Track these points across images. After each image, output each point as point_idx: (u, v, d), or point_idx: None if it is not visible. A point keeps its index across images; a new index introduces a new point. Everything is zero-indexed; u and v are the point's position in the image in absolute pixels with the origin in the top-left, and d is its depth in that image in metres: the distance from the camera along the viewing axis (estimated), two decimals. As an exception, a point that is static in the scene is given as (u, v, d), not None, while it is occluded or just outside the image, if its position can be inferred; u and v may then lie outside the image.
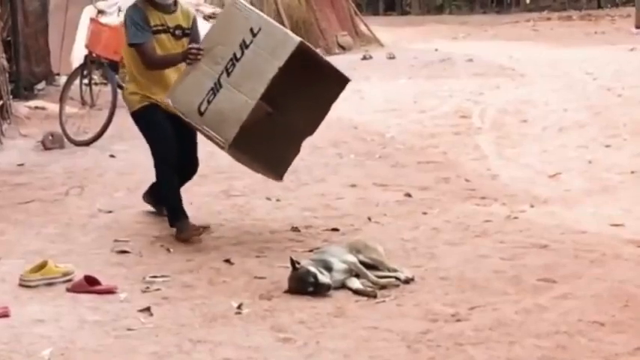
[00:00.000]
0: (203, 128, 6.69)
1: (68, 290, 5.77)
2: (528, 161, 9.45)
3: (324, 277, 5.68)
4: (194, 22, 7.25)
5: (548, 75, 14.97)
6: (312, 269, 5.70)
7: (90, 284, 5.79)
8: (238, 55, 6.60)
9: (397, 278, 5.88)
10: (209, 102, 6.63)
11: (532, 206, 7.75)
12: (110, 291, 5.75)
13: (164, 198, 7.16)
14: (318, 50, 19.43)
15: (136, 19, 6.96)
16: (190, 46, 6.85)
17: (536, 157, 9.63)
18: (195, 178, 7.56)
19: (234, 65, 6.60)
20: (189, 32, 7.16)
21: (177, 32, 7.12)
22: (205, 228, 6.93)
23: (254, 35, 6.57)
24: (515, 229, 7.04)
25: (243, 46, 6.59)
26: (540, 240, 6.73)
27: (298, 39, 6.59)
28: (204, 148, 7.94)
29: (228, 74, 6.60)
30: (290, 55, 6.48)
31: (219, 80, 6.62)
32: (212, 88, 6.63)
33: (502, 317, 5.26)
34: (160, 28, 7.04)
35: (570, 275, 5.96)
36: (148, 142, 7.18)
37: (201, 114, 6.64)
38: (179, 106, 6.74)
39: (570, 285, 5.79)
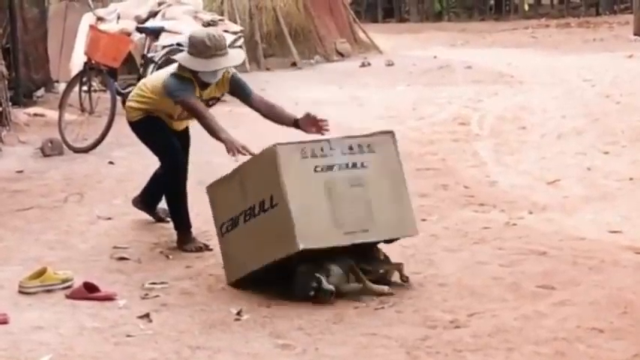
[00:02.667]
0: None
1: (67, 297, 5.78)
2: (527, 168, 9.46)
3: (327, 284, 5.64)
4: (232, 81, 6.93)
5: (546, 82, 14.98)
6: (317, 274, 5.65)
7: (89, 291, 5.79)
8: (256, 211, 5.83)
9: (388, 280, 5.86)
10: (228, 230, 6.05)
11: (531, 213, 7.75)
12: (109, 298, 5.76)
13: (174, 207, 7.05)
14: (316, 57, 19.37)
15: (182, 88, 6.66)
16: (243, 144, 6.47)
17: (534, 163, 9.63)
18: (194, 184, 7.55)
19: (251, 216, 5.86)
20: (220, 98, 7.05)
21: (211, 102, 7.01)
22: (207, 247, 6.87)
23: (272, 206, 5.73)
24: (514, 236, 7.04)
25: (261, 208, 5.79)
26: (539, 247, 6.73)
27: (300, 247, 5.60)
28: (201, 157, 7.95)
29: (245, 221, 5.91)
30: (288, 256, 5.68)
31: (238, 217, 5.97)
32: (232, 219, 6.00)
33: (501, 324, 5.26)
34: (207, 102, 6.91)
35: (569, 282, 5.96)
36: (152, 149, 7.13)
37: (222, 234, 6.13)
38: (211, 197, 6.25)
39: (569, 291, 5.79)
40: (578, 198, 8.26)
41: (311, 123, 6.61)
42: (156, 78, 7.06)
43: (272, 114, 6.87)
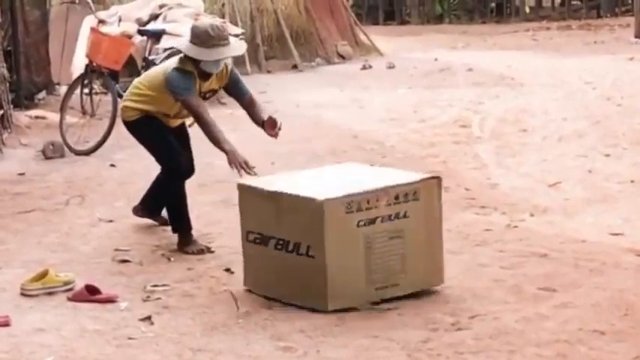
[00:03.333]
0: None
1: (69, 299, 5.78)
2: (528, 170, 9.46)
3: None
4: (232, 75, 6.99)
5: (547, 84, 14.98)
6: None
7: (90, 293, 5.80)
8: (289, 248, 5.64)
9: None
10: (255, 242, 5.87)
11: (532, 215, 7.76)
12: (111, 300, 5.76)
13: (174, 209, 7.02)
14: (317, 59, 19.36)
15: (187, 80, 6.69)
16: (245, 159, 6.66)
17: (535, 166, 9.63)
18: (194, 187, 7.56)
19: (284, 249, 5.67)
20: (217, 90, 7.08)
21: (208, 95, 7.04)
22: (209, 249, 6.87)
23: (307, 254, 5.57)
24: (515, 238, 7.04)
25: (295, 249, 5.61)
26: (540, 249, 6.73)
27: (330, 307, 5.53)
28: (203, 159, 7.96)
29: (276, 248, 5.73)
30: None
31: (269, 239, 5.77)
32: (262, 235, 5.80)
33: (502, 326, 5.27)
34: (205, 95, 6.97)
35: (570, 284, 5.96)
36: (153, 153, 7.15)
37: (247, 240, 5.99)
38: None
39: (570, 294, 5.79)
40: (580, 200, 8.26)
41: (270, 126, 6.95)
42: (154, 74, 7.05)
43: (251, 111, 7.14)
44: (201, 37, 6.67)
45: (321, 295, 5.50)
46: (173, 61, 6.86)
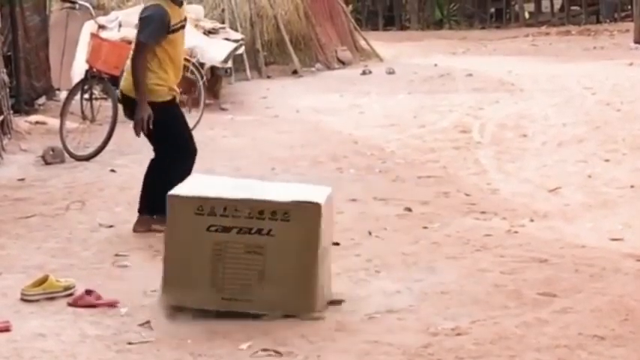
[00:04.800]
0: None
1: (69, 305, 5.78)
2: (528, 176, 9.47)
3: None
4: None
5: (547, 90, 15.00)
6: None
7: (90, 298, 5.79)
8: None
9: None
10: None
11: (532, 220, 7.76)
12: (111, 305, 5.76)
13: (162, 185, 6.64)
14: (317, 65, 19.38)
15: (158, 20, 7.14)
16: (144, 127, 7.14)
17: (535, 171, 9.64)
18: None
19: None
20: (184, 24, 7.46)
21: (180, 26, 7.37)
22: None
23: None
24: (515, 244, 7.05)
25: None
26: (540, 254, 6.74)
27: (163, 299, 5.62)
28: (203, 165, 7.96)
29: None
30: None
31: None
32: None
33: (503, 331, 5.27)
34: (179, 25, 7.30)
35: (570, 289, 5.97)
36: (169, 135, 7.32)
37: None
38: None
39: (570, 299, 5.80)
40: (579, 205, 8.26)
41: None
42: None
43: None
44: None
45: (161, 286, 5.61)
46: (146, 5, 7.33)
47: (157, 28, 7.15)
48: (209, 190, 5.66)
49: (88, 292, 5.83)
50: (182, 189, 5.74)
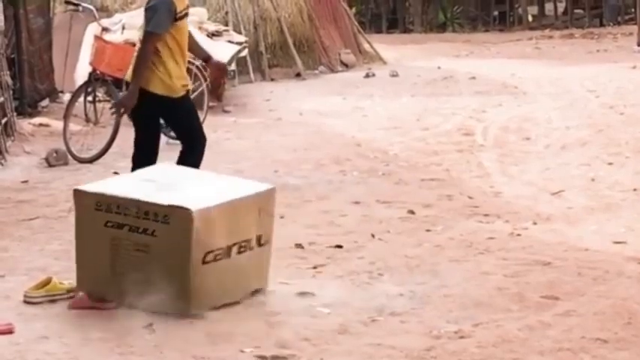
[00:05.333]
0: None
1: (70, 307, 5.77)
2: (531, 179, 9.47)
3: None
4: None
5: (550, 93, 15.00)
6: None
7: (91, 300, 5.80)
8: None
9: None
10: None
11: (535, 223, 7.76)
12: (109, 307, 5.75)
13: None
14: (321, 67, 19.39)
15: (164, 9, 7.20)
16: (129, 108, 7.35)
17: (538, 174, 9.64)
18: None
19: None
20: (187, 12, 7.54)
21: (183, 15, 7.42)
22: None
23: None
24: (518, 246, 7.05)
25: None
26: (543, 257, 6.74)
27: (76, 286, 5.88)
28: (206, 167, 7.95)
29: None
30: None
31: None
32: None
33: (505, 334, 5.27)
34: (184, 12, 7.37)
35: (573, 292, 5.97)
36: (183, 127, 7.52)
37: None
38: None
39: (573, 302, 5.80)
40: (583, 209, 8.26)
41: (216, 67, 7.78)
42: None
43: (191, 42, 7.65)
44: None
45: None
46: None
47: (164, 17, 7.21)
48: (113, 188, 5.94)
49: (90, 295, 5.83)
50: (89, 185, 6.16)
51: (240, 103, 14.91)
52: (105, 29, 11.82)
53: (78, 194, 5.89)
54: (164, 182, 6.04)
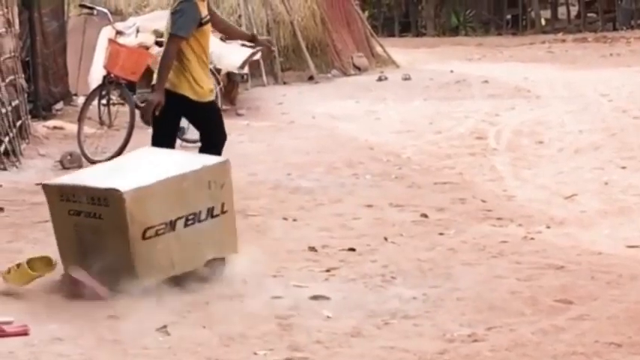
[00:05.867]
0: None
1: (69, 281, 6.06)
2: (544, 182, 9.46)
3: None
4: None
5: (563, 96, 14.99)
6: None
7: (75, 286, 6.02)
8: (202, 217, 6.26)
9: None
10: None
11: (548, 227, 7.76)
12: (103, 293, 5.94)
13: None
14: (333, 71, 19.34)
15: (190, 13, 7.32)
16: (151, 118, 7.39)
17: (552, 178, 9.64)
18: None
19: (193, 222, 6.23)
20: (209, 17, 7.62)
21: (206, 20, 7.54)
22: None
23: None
24: (532, 250, 7.05)
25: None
26: (557, 261, 6.73)
27: (62, 267, 6.29)
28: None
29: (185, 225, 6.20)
30: None
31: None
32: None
33: (519, 338, 5.27)
34: (207, 19, 7.50)
35: (587, 296, 5.96)
36: (209, 128, 7.61)
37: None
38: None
39: (587, 306, 5.79)
40: (596, 212, 8.25)
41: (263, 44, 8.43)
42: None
43: (230, 31, 8.18)
44: None
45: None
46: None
47: (189, 21, 7.34)
48: (73, 179, 6.54)
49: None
50: (55, 179, 6.91)
51: (253, 106, 14.94)
52: (119, 32, 11.86)
53: (46, 188, 6.45)
54: (122, 167, 6.57)
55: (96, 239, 6.10)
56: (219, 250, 6.36)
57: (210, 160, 6.62)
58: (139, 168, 6.42)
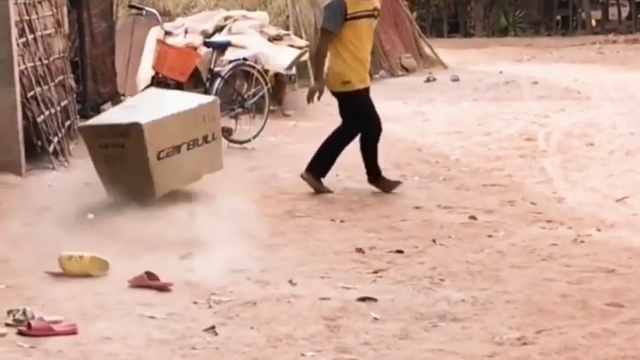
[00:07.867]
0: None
1: (129, 283, 6.21)
2: (595, 185, 9.37)
3: None
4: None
5: (614, 98, 14.85)
6: None
7: (149, 278, 6.19)
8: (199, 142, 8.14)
9: None
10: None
11: (599, 230, 7.67)
12: (166, 287, 6.14)
13: (337, 152, 9.00)
14: (381, 71, 19.26)
15: (336, 9, 8.37)
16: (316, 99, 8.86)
17: (602, 180, 9.54)
18: (258, 198, 7.57)
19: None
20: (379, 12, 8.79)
21: (376, 13, 8.69)
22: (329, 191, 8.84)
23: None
24: (582, 253, 6.97)
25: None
26: (607, 264, 6.66)
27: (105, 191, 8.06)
28: (266, 171, 7.99)
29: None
30: None
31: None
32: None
33: (569, 341, 5.21)
34: (360, 14, 8.32)
35: (638, 300, 5.89)
36: (357, 117, 8.88)
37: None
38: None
39: (638, 310, 5.72)
40: (647, 216, 8.16)
41: None
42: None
43: None
44: None
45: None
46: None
47: (333, 15, 8.27)
48: (101, 119, 8.62)
49: (148, 273, 6.22)
50: (89, 120, 8.91)
51: (300, 107, 14.92)
52: (167, 33, 11.91)
53: (81, 129, 8.60)
54: (136, 106, 8.37)
55: (121, 164, 7.78)
56: (210, 168, 8.18)
57: (204, 99, 8.60)
58: (150, 106, 8.19)
